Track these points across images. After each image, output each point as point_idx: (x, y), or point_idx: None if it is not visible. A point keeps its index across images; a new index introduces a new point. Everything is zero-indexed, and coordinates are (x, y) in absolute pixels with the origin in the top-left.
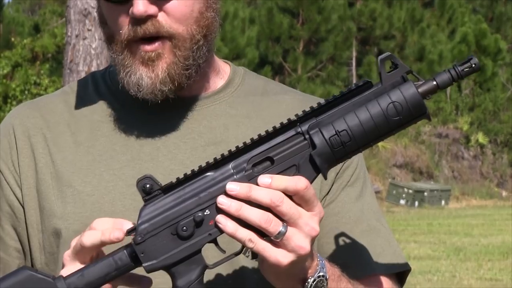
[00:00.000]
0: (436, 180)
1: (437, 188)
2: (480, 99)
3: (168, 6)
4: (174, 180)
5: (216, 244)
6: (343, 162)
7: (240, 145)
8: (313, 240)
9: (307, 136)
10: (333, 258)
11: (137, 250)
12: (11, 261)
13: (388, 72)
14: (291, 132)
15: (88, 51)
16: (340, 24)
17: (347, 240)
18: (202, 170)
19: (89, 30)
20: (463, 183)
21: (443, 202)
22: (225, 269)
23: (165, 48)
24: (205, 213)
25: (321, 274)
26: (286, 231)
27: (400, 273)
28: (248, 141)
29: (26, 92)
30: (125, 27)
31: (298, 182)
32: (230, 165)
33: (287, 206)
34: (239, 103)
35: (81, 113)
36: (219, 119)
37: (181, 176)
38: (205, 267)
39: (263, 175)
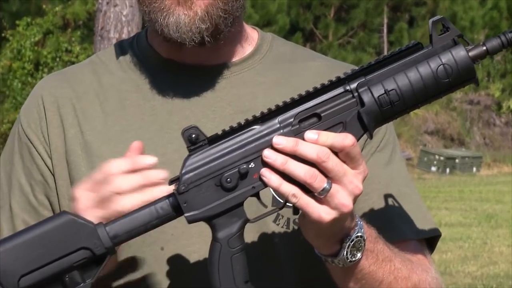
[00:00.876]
0: (468, 147)
1: (469, 155)
2: None
3: None
4: (219, 132)
5: (259, 198)
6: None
7: (287, 100)
8: (356, 198)
9: (355, 94)
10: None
11: (179, 199)
12: None
13: (439, 35)
14: (339, 90)
15: (119, 18)
16: None
17: (377, 206)
18: (248, 123)
19: None
20: (494, 150)
21: (474, 169)
22: (254, 234)
23: None
24: (250, 166)
25: (359, 234)
26: (331, 188)
27: (430, 239)
28: (295, 96)
29: (58, 59)
30: None
31: (345, 139)
32: (277, 120)
33: (333, 163)
34: (268, 70)
35: (109, 83)
36: (247, 87)
37: (223, 129)
38: (246, 220)
39: (310, 131)
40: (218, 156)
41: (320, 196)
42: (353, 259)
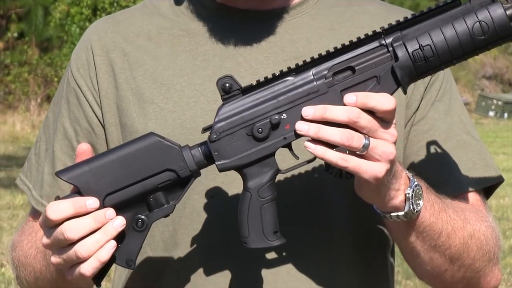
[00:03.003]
0: None
1: None
2: None
3: None
4: (253, 82)
5: (290, 149)
6: (430, 76)
7: (322, 52)
8: (395, 143)
9: (390, 49)
10: (424, 177)
11: (211, 147)
12: None
13: None
14: (374, 44)
15: None
16: None
17: (437, 158)
18: (282, 74)
19: None
20: None
21: None
22: (306, 182)
23: None
24: (282, 117)
25: (416, 183)
26: (370, 142)
27: (489, 186)
28: (330, 49)
29: (115, 4)
30: None
31: (388, 102)
32: (311, 71)
33: (365, 121)
34: (322, 14)
35: (161, 27)
36: (301, 32)
37: (257, 79)
38: (277, 171)
39: (348, 94)
40: (251, 106)
41: (362, 153)
42: (418, 208)
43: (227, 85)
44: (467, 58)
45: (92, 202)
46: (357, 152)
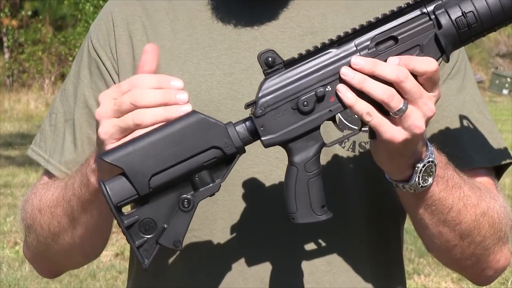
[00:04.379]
0: None
1: None
2: None
3: None
4: (296, 56)
5: (335, 122)
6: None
7: (364, 23)
8: (428, 120)
9: (432, 17)
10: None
11: (256, 123)
12: None
13: None
14: (416, 12)
15: None
16: None
17: (448, 133)
18: (325, 47)
19: None
20: None
21: None
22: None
23: None
24: (327, 89)
25: (430, 159)
26: (407, 108)
27: (499, 166)
28: (371, 19)
29: None
30: None
31: (429, 64)
32: (354, 43)
33: (411, 84)
34: None
35: (179, 1)
36: (317, 8)
37: (299, 52)
38: (323, 144)
39: (392, 57)
40: (295, 79)
41: (395, 116)
42: (425, 184)
43: (270, 59)
44: (508, 23)
45: (176, 82)
46: (391, 113)
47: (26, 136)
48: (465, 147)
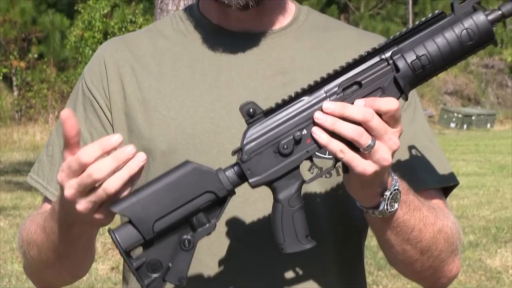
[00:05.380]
0: (483, 105)
1: (483, 113)
2: None
3: None
4: (273, 105)
5: (312, 161)
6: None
7: (330, 72)
8: (393, 153)
9: (390, 62)
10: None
11: (243, 167)
12: None
13: (460, 3)
14: (376, 59)
15: None
16: None
17: (402, 158)
18: (297, 95)
19: None
20: (506, 108)
21: (488, 125)
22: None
23: None
24: (303, 133)
25: (396, 187)
26: (374, 144)
27: (448, 187)
28: (337, 68)
29: (123, 29)
30: None
31: (391, 103)
32: (323, 90)
33: (377, 122)
34: (304, 37)
35: (164, 46)
36: (286, 51)
37: (276, 102)
38: (303, 181)
39: (358, 99)
40: (274, 126)
41: (365, 152)
42: (392, 209)
43: (251, 110)
44: (457, 62)
45: (116, 138)
46: (361, 150)
47: (33, 164)
48: (417, 171)
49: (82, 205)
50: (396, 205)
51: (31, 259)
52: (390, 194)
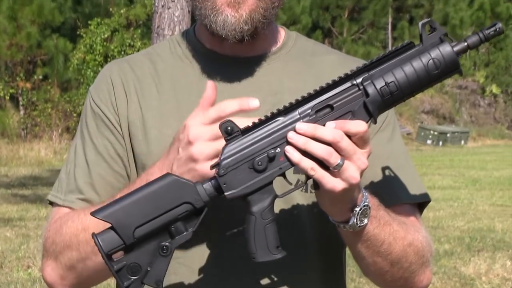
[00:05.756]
0: (457, 124)
1: (458, 131)
2: (494, 56)
3: None
4: (250, 124)
5: (285, 177)
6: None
7: (305, 95)
8: (362, 172)
9: (361, 87)
10: (366, 189)
11: (220, 181)
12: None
13: (428, 34)
14: (347, 84)
15: (172, 19)
16: None
17: (379, 175)
18: (273, 116)
19: (172, 1)
20: (479, 126)
21: (462, 142)
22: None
23: None
24: (277, 151)
25: (365, 203)
26: (343, 163)
27: (421, 203)
28: (311, 91)
29: (123, 52)
30: None
31: (359, 125)
32: (297, 111)
33: (346, 143)
34: (292, 61)
35: (163, 69)
36: (276, 75)
37: (253, 121)
38: (275, 196)
39: (329, 121)
40: (250, 144)
41: (334, 170)
42: (361, 224)
43: (229, 128)
44: (423, 90)
45: (255, 102)
46: (331, 168)
47: (37, 178)
48: (393, 186)
49: (199, 147)
50: (365, 220)
51: (70, 260)
52: (360, 210)
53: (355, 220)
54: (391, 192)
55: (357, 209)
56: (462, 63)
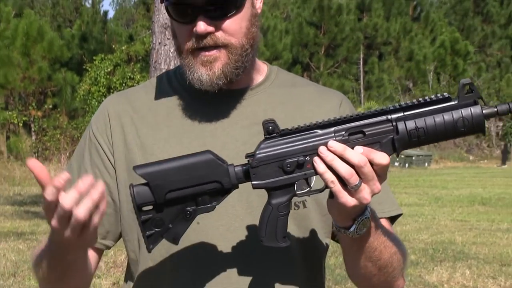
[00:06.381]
0: (421, 148)
1: (422, 154)
2: (454, 88)
3: (223, 24)
4: (290, 128)
5: (307, 181)
6: None
7: (344, 116)
8: (373, 195)
9: (394, 124)
10: None
11: (251, 171)
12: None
13: (465, 94)
14: (383, 117)
15: (168, 54)
16: (351, 34)
17: None
18: (312, 127)
19: (168, 39)
20: (441, 150)
21: (426, 164)
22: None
23: (221, 53)
24: (306, 159)
25: (367, 216)
26: (360, 185)
27: (394, 216)
28: (350, 114)
29: (124, 84)
30: (190, 40)
31: (384, 158)
32: (333, 129)
33: (368, 170)
34: (275, 93)
35: (159, 100)
36: (260, 105)
37: (293, 126)
38: (294, 194)
39: (358, 146)
40: (285, 146)
41: (351, 189)
42: (360, 232)
43: (270, 127)
44: (445, 140)
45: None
46: (348, 187)
47: None
48: (373, 204)
49: (67, 233)
50: (364, 229)
51: (40, 278)
52: (361, 220)
53: (355, 229)
54: (375, 208)
55: (359, 219)
56: (425, 94)
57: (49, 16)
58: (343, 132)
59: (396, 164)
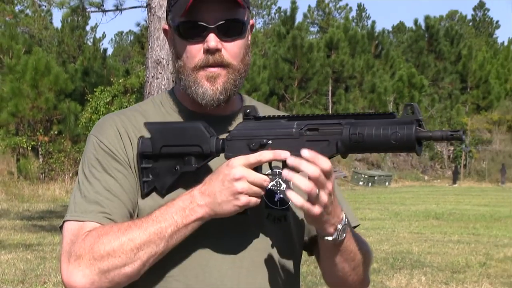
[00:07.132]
0: (382, 169)
1: (383, 174)
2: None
3: (228, 45)
4: (264, 116)
5: (270, 166)
6: None
7: (305, 114)
8: (331, 195)
9: (341, 128)
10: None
11: (226, 143)
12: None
13: (407, 114)
14: (335, 121)
15: (160, 87)
16: (321, 69)
17: None
18: (279, 117)
19: (160, 73)
20: (400, 171)
21: (387, 183)
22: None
23: (223, 72)
24: (269, 142)
25: (345, 223)
26: (318, 193)
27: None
28: (310, 114)
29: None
30: (197, 57)
31: (326, 163)
32: (295, 123)
33: (322, 178)
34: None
35: (153, 120)
36: None
37: (268, 115)
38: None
39: (304, 149)
40: (255, 128)
41: (311, 199)
42: (341, 238)
43: (247, 111)
44: (380, 152)
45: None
46: (310, 199)
47: (53, 212)
48: None
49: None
50: (344, 235)
51: (110, 265)
52: (342, 227)
53: (337, 235)
54: None
55: (340, 226)
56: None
57: (55, 53)
58: (303, 126)
59: (361, 183)
